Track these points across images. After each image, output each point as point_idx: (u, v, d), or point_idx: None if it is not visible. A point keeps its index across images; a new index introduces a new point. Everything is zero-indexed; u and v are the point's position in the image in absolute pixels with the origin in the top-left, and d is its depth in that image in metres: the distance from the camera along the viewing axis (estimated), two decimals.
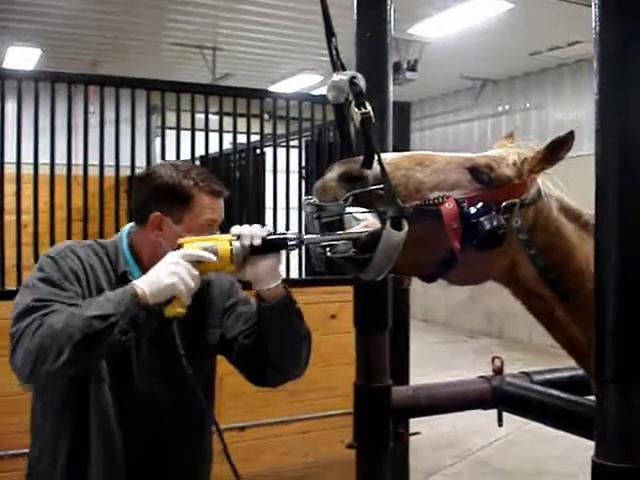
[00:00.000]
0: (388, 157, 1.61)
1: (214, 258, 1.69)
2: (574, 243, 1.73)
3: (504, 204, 1.61)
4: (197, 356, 1.96)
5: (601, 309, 1.32)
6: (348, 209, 1.53)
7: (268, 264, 1.75)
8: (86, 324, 1.64)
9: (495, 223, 1.55)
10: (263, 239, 1.72)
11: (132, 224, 2.05)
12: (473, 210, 1.56)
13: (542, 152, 1.69)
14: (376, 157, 1.51)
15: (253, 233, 1.72)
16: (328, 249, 1.57)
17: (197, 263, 1.69)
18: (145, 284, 1.69)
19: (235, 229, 1.75)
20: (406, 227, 1.48)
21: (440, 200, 1.56)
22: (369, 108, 1.53)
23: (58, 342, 1.63)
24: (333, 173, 1.55)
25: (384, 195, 1.50)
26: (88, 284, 1.89)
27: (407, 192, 1.55)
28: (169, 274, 1.67)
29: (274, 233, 1.77)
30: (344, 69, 1.61)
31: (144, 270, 1.83)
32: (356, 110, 1.53)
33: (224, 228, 1.92)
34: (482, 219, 1.55)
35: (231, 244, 1.70)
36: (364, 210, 1.55)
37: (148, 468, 1.94)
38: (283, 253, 1.80)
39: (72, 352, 1.62)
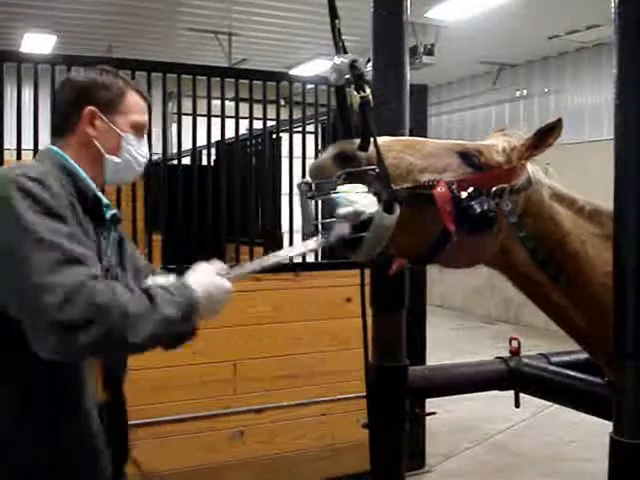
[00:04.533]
0: (380, 140, 1.63)
1: None
2: (568, 228, 1.76)
3: (494, 189, 1.64)
4: None
5: (620, 286, 1.31)
6: (341, 188, 1.54)
7: None
8: (166, 327, 1.55)
9: (485, 207, 1.59)
10: None
11: (51, 147, 1.83)
12: (464, 194, 1.59)
13: (530, 139, 1.72)
14: (372, 140, 1.54)
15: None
16: (323, 233, 1.59)
17: None
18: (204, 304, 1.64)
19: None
20: (397, 211, 1.51)
21: (432, 183, 1.58)
22: (368, 92, 1.56)
23: (139, 325, 1.51)
24: (327, 153, 1.59)
25: (379, 177, 1.53)
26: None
27: (398, 173, 1.58)
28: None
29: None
30: (346, 52, 1.62)
31: None
32: (355, 93, 1.56)
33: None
34: (472, 202, 1.59)
35: None
36: (358, 190, 1.56)
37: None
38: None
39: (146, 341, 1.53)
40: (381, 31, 2.09)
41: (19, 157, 3.97)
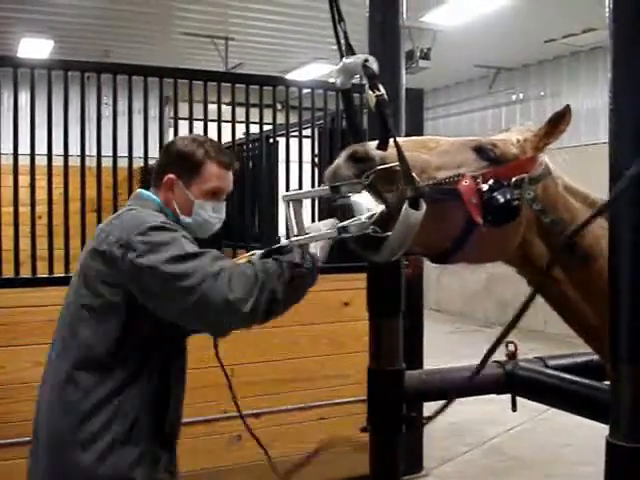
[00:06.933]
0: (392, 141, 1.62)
1: None
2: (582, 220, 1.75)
3: (513, 180, 1.63)
4: None
5: (615, 287, 1.31)
6: (356, 195, 1.54)
7: None
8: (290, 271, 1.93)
9: (509, 196, 1.58)
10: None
11: (145, 192, 2.22)
12: (485, 186, 1.58)
13: (543, 128, 1.74)
14: (391, 139, 1.52)
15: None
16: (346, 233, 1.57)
17: None
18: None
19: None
20: (424, 207, 1.49)
21: (456, 178, 1.57)
22: (383, 90, 1.54)
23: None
24: (340, 157, 1.59)
25: (402, 175, 1.51)
26: None
27: (413, 172, 1.55)
28: None
29: None
30: (354, 53, 1.61)
31: None
32: (370, 92, 1.54)
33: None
34: (495, 194, 1.57)
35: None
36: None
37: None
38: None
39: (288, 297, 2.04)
40: (377, 35, 2.09)
41: (16, 162, 3.97)
